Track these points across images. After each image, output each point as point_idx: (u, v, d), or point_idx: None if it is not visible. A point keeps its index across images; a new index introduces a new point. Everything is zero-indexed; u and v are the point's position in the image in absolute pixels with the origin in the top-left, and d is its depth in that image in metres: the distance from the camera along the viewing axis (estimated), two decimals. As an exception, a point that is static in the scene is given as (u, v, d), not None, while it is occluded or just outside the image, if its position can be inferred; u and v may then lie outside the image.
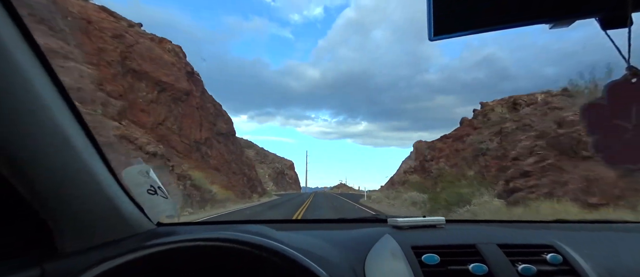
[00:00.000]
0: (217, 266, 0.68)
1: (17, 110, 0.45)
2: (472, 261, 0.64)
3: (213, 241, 0.43)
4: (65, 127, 0.53)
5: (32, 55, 0.48)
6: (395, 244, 0.71)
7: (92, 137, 0.60)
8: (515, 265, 0.64)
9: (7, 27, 0.44)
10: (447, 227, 0.85)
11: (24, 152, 0.46)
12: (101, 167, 0.62)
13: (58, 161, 0.52)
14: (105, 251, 0.62)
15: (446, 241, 0.72)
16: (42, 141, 0.49)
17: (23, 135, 0.46)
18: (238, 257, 0.46)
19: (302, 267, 0.43)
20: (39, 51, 0.49)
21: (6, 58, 0.42)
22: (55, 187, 0.52)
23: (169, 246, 0.42)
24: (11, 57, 0.43)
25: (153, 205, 0.73)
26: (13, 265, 0.51)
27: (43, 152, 0.49)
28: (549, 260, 0.66)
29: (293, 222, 1.17)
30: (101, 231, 0.63)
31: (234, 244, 0.43)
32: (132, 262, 0.41)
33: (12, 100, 0.44)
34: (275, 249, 0.44)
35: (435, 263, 0.64)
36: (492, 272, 0.62)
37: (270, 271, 0.45)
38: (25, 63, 0.46)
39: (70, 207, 0.56)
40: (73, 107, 0.56)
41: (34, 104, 0.47)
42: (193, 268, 0.67)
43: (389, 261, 0.67)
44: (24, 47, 0.47)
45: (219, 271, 0.68)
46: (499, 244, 0.69)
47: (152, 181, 0.74)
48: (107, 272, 0.38)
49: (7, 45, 0.43)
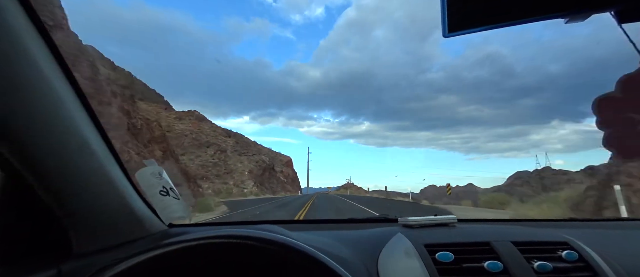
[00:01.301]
0: (233, 264, 0.68)
1: (37, 113, 0.46)
2: (486, 258, 0.64)
3: (235, 238, 0.43)
4: (82, 129, 0.54)
5: (52, 59, 0.49)
6: (407, 242, 0.71)
7: (108, 140, 0.61)
8: (530, 262, 0.64)
9: (29, 32, 0.44)
10: (459, 226, 0.85)
11: (43, 153, 0.47)
12: (116, 169, 0.63)
13: (75, 163, 0.53)
14: (119, 251, 0.62)
15: (459, 239, 0.71)
16: (59, 142, 0.50)
17: (42, 137, 0.47)
18: (257, 256, 0.46)
19: (324, 266, 0.42)
20: (58, 55, 0.50)
21: (29, 63, 0.43)
22: (71, 188, 0.53)
23: (188, 244, 0.41)
24: (34, 61, 0.44)
25: (165, 206, 0.74)
26: (30, 265, 0.51)
27: (60, 154, 0.50)
28: (565, 257, 0.66)
29: (303, 223, 1.17)
30: (115, 232, 0.63)
31: (256, 242, 0.43)
32: (147, 261, 0.40)
33: (32, 102, 0.45)
34: (299, 248, 0.43)
35: (449, 261, 0.64)
36: (508, 269, 0.62)
37: (289, 269, 0.44)
38: (46, 67, 0.47)
39: (85, 208, 0.57)
40: (90, 109, 0.57)
41: (53, 106, 0.48)
42: (209, 266, 0.67)
43: (403, 259, 0.67)
44: (45, 52, 0.48)
45: (234, 269, 0.68)
46: (513, 242, 0.69)
47: (165, 182, 0.75)
48: (122, 272, 0.38)
49: (30, 51, 0.43)
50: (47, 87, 0.47)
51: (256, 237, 0.43)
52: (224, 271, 0.69)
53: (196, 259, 0.51)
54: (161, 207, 0.73)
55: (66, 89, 0.51)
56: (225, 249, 0.47)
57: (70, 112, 0.51)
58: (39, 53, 0.45)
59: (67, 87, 0.52)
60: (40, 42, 0.47)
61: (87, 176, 0.55)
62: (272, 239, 0.43)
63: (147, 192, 0.71)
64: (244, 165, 40.12)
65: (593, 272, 0.63)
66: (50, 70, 0.48)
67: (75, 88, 0.54)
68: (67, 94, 0.52)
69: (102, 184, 0.59)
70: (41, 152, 0.47)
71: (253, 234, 0.45)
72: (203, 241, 0.41)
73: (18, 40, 0.42)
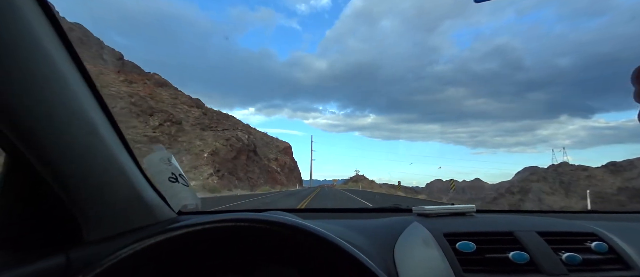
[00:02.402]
0: (242, 250, 0.66)
1: (41, 96, 0.45)
2: (511, 248, 0.60)
3: (244, 221, 0.41)
4: (88, 113, 0.53)
5: (60, 44, 0.48)
6: (425, 231, 0.67)
7: (117, 126, 0.60)
8: (558, 253, 0.60)
9: (31, 11, 0.43)
10: (477, 216, 0.80)
11: (48, 138, 0.46)
12: (124, 154, 0.62)
13: (81, 147, 0.52)
14: (128, 239, 0.61)
15: (480, 229, 0.67)
16: (65, 126, 0.48)
17: (47, 120, 0.46)
18: (267, 240, 0.44)
19: (337, 248, 0.40)
20: (67, 41, 0.49)
21: (32, 44, 0.42)
22: (78, 174, 0.52)
23: (193, 228, 0.40)
24: (37, 42, 0.44)
25: (174, 193, 0.73)
26: (39, 253, 0.51)
27: (65, 138, 0.49)
28: (594, 248, 0.61)
29: (313, 211, 1.14)
30: (124, 219, 0.63)
31: (266, 225, 0.41)
32: (153, 247, 0.39)
33: (36, 85, 0.44)
34: (311, 230, 0.41)
35: (471, 251, 0.60)
36: (534, 260, 0.58)
37: (300, 254, 0.43)
38: (53, 51, 0.46)
39: (93, 195, 0.56)
40: (98, 96, 0.56)
41: (62, 93, 0.47)
42: (217, 253, 0.65)
43: (421, 248, 0.63)
44: (54, 38, 0.47)
45: (243, 255, 0.66)
46: (538, 232, 0.65)
47: (174, 168, 0.73)
48: (130, 257, 0.37)
49: (33, 32, 0.43)
50: (52, 69, 0.46)
51: (266, 220, 0.41)
52: (233, 257, 0.67)
53: (203, 245, 0.49)
54: (170, 195, 0.72)
55: (71, 71, 0.50)
56: (234, 234, 0.44)
57: (76, 95, 0.50)
58: (43, 33, 0.44)
59: (72, 69, 0.51)
60: (44, 21, 0.46)
61: (94, 162, 0.54)
62: (283, 222, 0.41)
63: (155, 179, 0.70)
64: (206, 144, 26.16)
65: (624, 265, 0.59)
66: (59, 56, 0.47)
67: (81, 70, 0.53)
68: (73, 76, 0.50)
69: (110, 170, 0.58)
70: (46, 136, 0.46)
71: (262, 217, 0.43)
72: (208, 226, 0.40)
73: (20, 19, 0.40)
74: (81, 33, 28.67)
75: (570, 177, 32.49)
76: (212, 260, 0.66)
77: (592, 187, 27.73)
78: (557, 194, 31.82)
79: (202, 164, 23.63)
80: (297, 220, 0.43)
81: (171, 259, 0.49)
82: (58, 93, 0.47)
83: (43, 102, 0.45)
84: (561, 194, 31.77)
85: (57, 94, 0.47)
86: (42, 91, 0.44)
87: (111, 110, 0.60)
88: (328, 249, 0.40)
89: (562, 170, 34.49)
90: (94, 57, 27.47)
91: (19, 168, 0.52)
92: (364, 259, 0.40)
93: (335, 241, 0.41)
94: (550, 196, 31.16)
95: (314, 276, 0.65)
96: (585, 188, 29.47)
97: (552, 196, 31.12)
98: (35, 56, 0.43)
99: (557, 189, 32.75)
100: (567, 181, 32.94)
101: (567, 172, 34.08)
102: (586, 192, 13.20)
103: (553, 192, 32.07)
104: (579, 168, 34.29)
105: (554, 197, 30.79)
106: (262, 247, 0.48)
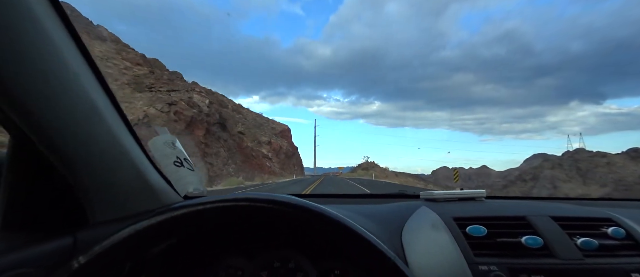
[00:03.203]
0: (245, 230, 0.66)
1: (41, 76, 0.45)
2: (523, 233, 0.58)
3: (245, 201, 0.40)
4: (93, 98, 0.52)
5: (62, 27, 0.47)
6: (434, 216, 0.65)
7: (120, 109, 0.60)
8: (573, 239, 0.57)
9: (44, 8, 0.44)
10: (488, 201, 0.78)
11: (49, 119, 0.46)
12: (128, 137, 0.61)
13: (83, 129, 0.51)
14: (133, 220, 0.62)
15: (492, 213, 0.65)
16: (66, 107, 0.48)
17: (47, 101, 0.46)
18: (271, 219, 0.43)
19: (369, 244, 0.38)
20: (68, 23, 0.48)
21: (33, 25, 0.42)
22: (82, 156, 0.52)
23: (195, 208, 0.39)
24: (37, 23, 0.43)
25: (180, 177, 0.72)
26: (48, 233, 0.51)
27: (67, 120, 0.48)
28: (611, 234, 0.59)
29: (319, 196, 1.13)
30: (130, 202, 0.63)
31: (267, 204, 0.40)
32: (155, 228, 0.39)
33: (36, 65, 0.44)
34: (315, 208, 0.40)
35: (482, 235, 0.58)
36: (548, 245, 0.56)
37: (313, 236, 0.42)
38: (56, 36, 0.45)
39: (98, 177, 0.56)
40: (99, 75, 0.55)
41: (63, 75, 0.47)
42: (221, 234, 0.65)
43: (429, 232, 0.62)
44: (56, 22, 0.46)
45: (247, 235, 0.66)
46: (552, 217, 0.62)
47: (178, 151, 0.73)
48: (131, 237, 0.37)
49: (41, 23, 0.43)
50: (60, 56, 0.46)
51: (266, 199, 0.40)
52: (236, 240, 0.67)
53: (205, 227, 0.48)
54: (175, 179, 0.71)
55: (77, 58, 0.49)
56: (234, 215, 0.44)
57: (77, 76, 0.49)
58: (44, 17, 0.44)
59: (78, 56, 0.50)
60: (46, 4, 0.46)
61: (98, 145, 0.54)
62: (283, 200, 0.40)
63: (160, 163, 0.70)
64: (132, 108, 17.89)
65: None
66: (62, 39, 0.46)
67: (86, 56, 0.51)
68: (78, 63, 0.49)
69: (114, 152, 0.57)
70: (48, 117, 0.46)
71: (263, 196, 0.42)
72: (209, 205, 0.39)
73: (20, 3, 0.40)
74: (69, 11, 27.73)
75: (588, 164, 31.41)
76: (215, 242, 0.67)
77: (611, 174, 26.73)
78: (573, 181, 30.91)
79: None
80: (299, 199, 0.43)
81: (173, 240, 0.49)
82: (58, 75, 0.46)
83: (43, 83, 0.44)
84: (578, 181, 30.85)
85: (57, 76, 0.46)
86: (42, 73, 0.44)
87: (114, 93, 0.59)
88: (332, 228, 0.39)
89: (578, 156, 33.36)
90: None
91: (24, 150, 0.52)
92: (371, 238, 0.38)
93: (341, 219, 0.39)
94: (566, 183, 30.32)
95: (318, 258, 0.64)
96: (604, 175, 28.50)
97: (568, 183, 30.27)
98: (36, 40, 0.43)
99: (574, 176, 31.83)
100: (584, 168, 31.93)
101: (584, 158, 32.98)
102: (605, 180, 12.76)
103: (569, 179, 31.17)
104: (598, 155, 33.11)
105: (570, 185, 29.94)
106: (264, 229, 0.47)
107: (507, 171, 68.95)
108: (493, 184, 52.70)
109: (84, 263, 0.33)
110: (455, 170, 18.69)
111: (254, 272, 0.63)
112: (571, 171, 32.29)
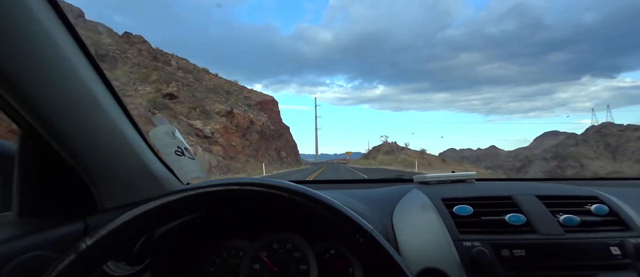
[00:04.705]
0: (245, 215, 0.68)
1: (54, 80, 0.47)
2: (508, 212, 0.60)
3: (239, 185, 0.41)
4: (96, 94, 0.55)
5: (57, 19, 0.49)
6: (424, 197, 0.69)
7: (118, 98, 0.62)
8: (555, 216, 0.59)
9: (42, 7, 0.45)
10: (478, 184, 0.81)
11: (50, 108, 0.48)
12: (130, 128, 0.64)
13: (85, 119, 0.54)
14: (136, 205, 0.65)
15: (479, 194, 0.67)
16: (67, 97, 0.50)
17: (47, 90, 0.47)
18: (266, 205, 0.44)
19: (346, 217, 0.40)
20: (62, 15, 0.50)
21: (29, 16, 0.43)
22: (85, 145, 0.55)
23: (190, 193, 0.40)
24: (46, 32, 0.45)
25: (181, 166, 0.75)
26: (61, 219, 0.55)
27: (69, 109, 0.51)
28: (594, 210, 0.61)
29: (319, 183, 1.18)
30: (135, 190, 0.66)
31: (262, 188, 0.41)
32: (157, 210, 0.40)
33: (50, 71, 0.46)
34: (308, 192, 0.42)
35: (468, 214, 0.61)
36: (531, 222, 0.58)
37: (306, 221, 0.43)
38: (52, 28, 0.47)
39: (104, 167, 0.59)
40: (96, 66, 0.57)
41: (68, 73, 0.49)
42: (220, 217, 0.67)
43: (418, 213, 0.65)
44: (52, 15, 0.48)
45: (245, 220, 0.68)
46: (538, 196, 0.65)
47: (179, 141, 0.75)
48: (133, 220, 0.39)
49: (43, 21, 0.44)
50: (58, 48, 0.47)
51: (257, 182, 0.41)
52: (238, 220, 0.69)
53: (204, 211, 0.50)
54: (178, 167, 0.74)
55: (72, 49, 0.51)
56: (231, 198, 0.45)
57: (78, 71, 0.52)
58: (42, 13, 0.45)
59: (74, 48, 0.52)
60: (47, 5, 0.47)
61: (101, 135, 0.57)
62: (280, 185, 0.41)
63: (162, 152, 0.73)
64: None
65: (624, 226, 0.59)
66: (58, 31, 0.48)
67: (83, 49, 0.54)
68: (75, 55, 0.52)
69: (117, 143, 0.60)
70: (53, 112, 0.49)
71: (254, 180, 0.43)
72: (201, 190, 0.40)
73: (22, 4, 0.42)
74: None
75: (619, 139, 29.53)
76: (216, 225, 0.69)
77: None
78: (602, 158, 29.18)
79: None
80: (292, 183, 0.43)
81: (173, 224, 0.51)
82: (61, 72, 0.48)
83: (48, 80, 0.47)
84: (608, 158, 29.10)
85: (60, 72, 0.48)
86: (46, 70, 0.46)
87: (113, 85, 0.62)
88: (313, 204, 0.40)
89: (606, 131, 31.42)
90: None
91: (34, 141, 0.55)
92: (348, 211, 0.40)
93: (317, 195, 0.41)
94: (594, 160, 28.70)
95: (314, 239, 0.67)
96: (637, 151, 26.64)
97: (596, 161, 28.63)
98: (38, 39, 0.44)
99: (603, 152, 30.09)
100: (614, 143, 30.10)
101: (613, 133, 31.04)
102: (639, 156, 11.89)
103: (597, 156, 29.45)
104: (629, 128, 31.08)
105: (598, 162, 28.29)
106: (264, 212, 0.48)
107: (517, 151, 66.04)
108: (503, 164, 49.42)
109: (90, 244, 0.35)
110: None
111: (254, 253, 0.66)
112: (599, 147, 30.57)
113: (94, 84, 0.55)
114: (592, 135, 32.10)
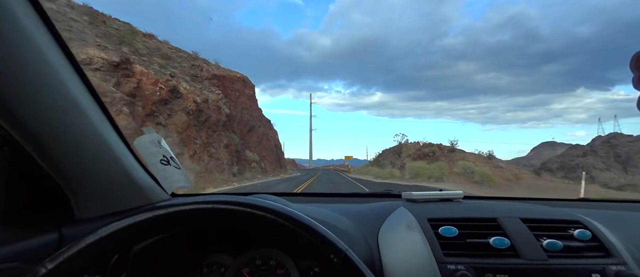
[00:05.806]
0: (226, 232, 0.67)
1: (32, 81, 0.45)
2: (493, 234, 0.60)
3: (224, 204, 0.42)
4: (70, 88, 0.53)
5: (40, 23, 0.48)
6: (410, 216, 0.68)
7: (102, 103, 0.61)
8: (539, 240, 0.60)
9: (22, 7, 0.44)
10: (465, 202, 0.81)
11: (28, 112, 0.47)
12: (113, 134, 0.63)
13: (64, 123, 0.52)
14: (120, 216, 0.63)
15: (465, 215, 0.68)
16: (45, 100, 0.49)
17: (25, 93, 0.46)
18: (250, 223, 0.44)
19: (320, 237, 0.40)
20: (47, 20, 0.49)
21: (16, 28, 0.43)
22: (64, 151, 0.53)
23: (189, 207, 0.41)
24: (21, 26, 0.44)
25: (167, 175, 0.74)
26: (34, 229, 0.54)
27: (47, 113, 0.49)
28: (577, 236, 0.62)
29: (306, 195, 1.17)
30: (116, 199, 0.64)
31: (246, 208, 0.41)
32: (150, 221, 0.40)
33: (28, 72, 0.44)
34: (291, 215, 0.42)
35: (453, 236, 0.61)
36: (515, 246, 0.59)
37: (287, 239, 0.43)
38: (33, 31, 0.46)
39: (82, 173, 0.57)
40: (78, 68, 0.55)
41: (46, 74, 0.48)
42: (204, 231, 0.66)
43: (404, 232, 0.64)
44: (34, 17, 0.47)
45: (230, 235, 0.67)
46: (522, 219, 0.65)
47: (165, 150, 0.74)
48: (112, 234, 0.38)
49: (19, 18, 0.43)
50: (38, 51, 0.46)
51: (244, 202, 0.42)
52: (221, 235, 0.67)
53: (188, 226, 0.48)
54: (163, 177, 0.73)
55: (52, 50, 0.50)
56: (217, 216, 0.44)
57: (57, 73, 0.50)
58: (27, 19, 0.45)
59: (57, 51, 0.51)
60: (31, 11, 0.46)
61: (81, 139, 0.55)
62: (249, 202, 0.42)
63: (147, 161, 0.72)
64: None
65: (606, 253, 0.60)
66: (40, 35, 0.47)
67: (66, 52, 0.53)
68: (57, 58, 0.50)
69: (98, 148, 0.59)
70: (27, 114, 0.47)
71: (241, 199, 0.43)
72: (183, 208, 0.41)
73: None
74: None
75: (629, 149, 28.84)
76: (199, 240, 0.67)
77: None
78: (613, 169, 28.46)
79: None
80: (277, 205, 0.44)
81: (154, 239, 0.49)
82: (38, 73, 0.47)
83: (25, 82, 0.45)
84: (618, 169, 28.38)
85: (37, 74, 0.47)
86: (23, 72, 0.44)
87: (96, 90, 0.61)
88: (289, 223, 0.40)
89: (615, 142, 30.76)
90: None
91: (7, 145, 0.53)
92: (323, 230, 0.40)
93: (292, 213, 0.41)
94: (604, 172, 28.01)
95: (298, 256, 0.66)
96: (648, 161, 25.90)
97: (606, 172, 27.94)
98: (15, 39, 0.43)
99: (612, 164, 29.37)
100: (624, 154, 29.41)
101: (623, 143, 30.37)
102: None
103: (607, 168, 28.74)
104: (639, 139, 30.39)
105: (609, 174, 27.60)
106: (247, 230, 0.47)
107: (515, 160, 65.19)
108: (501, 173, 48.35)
109: (51, 268, 0.33)
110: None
111: (236, 269, 0.65)
112: (608, 158, 29.88)
113: (75, 89, 0.54)
114: (600, 145, 31.45)
